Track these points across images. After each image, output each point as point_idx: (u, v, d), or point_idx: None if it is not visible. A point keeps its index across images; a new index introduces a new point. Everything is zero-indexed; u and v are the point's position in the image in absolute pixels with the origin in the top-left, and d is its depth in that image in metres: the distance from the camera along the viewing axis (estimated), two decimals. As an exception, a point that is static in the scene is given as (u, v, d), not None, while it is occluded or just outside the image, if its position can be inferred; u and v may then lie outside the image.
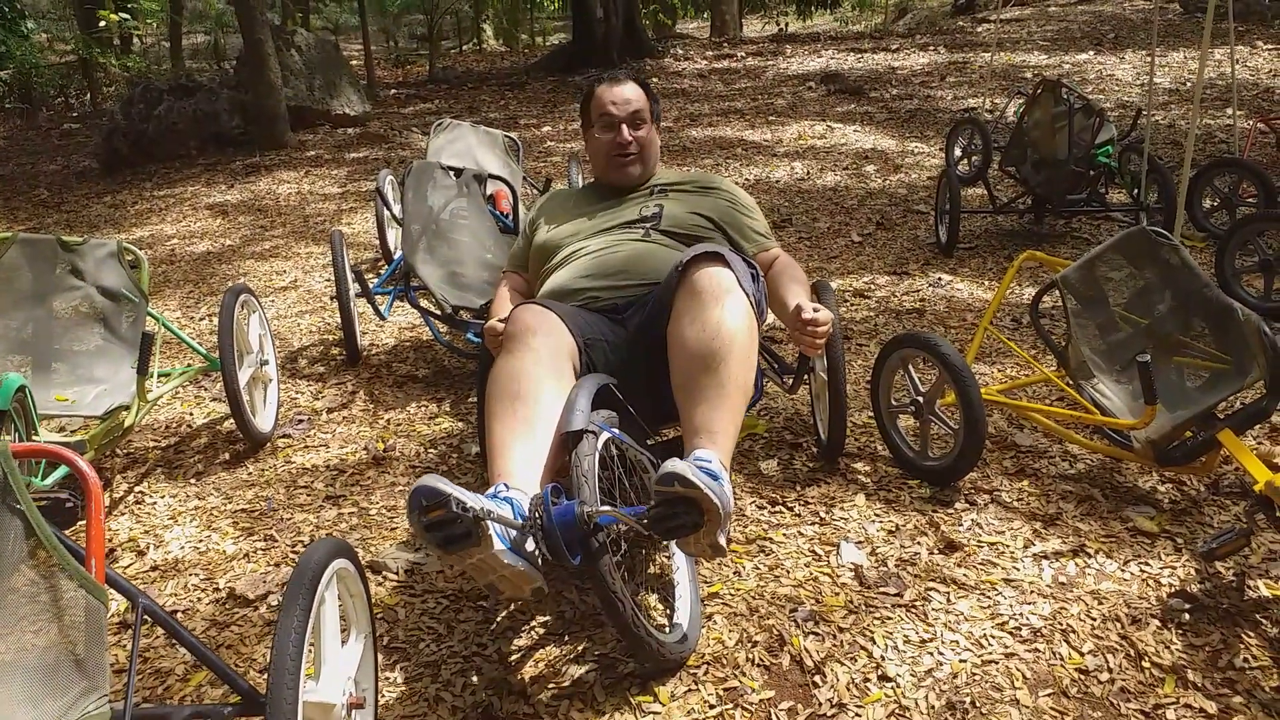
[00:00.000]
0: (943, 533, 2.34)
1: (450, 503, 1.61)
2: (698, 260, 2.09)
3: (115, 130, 8.62)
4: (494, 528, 1.67)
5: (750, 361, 2.02)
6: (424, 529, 1.64)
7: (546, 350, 2.06)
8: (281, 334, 4.17)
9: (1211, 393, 2.36)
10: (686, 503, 1.72)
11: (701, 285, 2.04)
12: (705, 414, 1.94)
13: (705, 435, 1.93)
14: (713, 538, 1.76)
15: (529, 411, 1.97)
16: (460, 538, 1.64)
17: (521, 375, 2.02)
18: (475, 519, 1.62)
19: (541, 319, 2.12)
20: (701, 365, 1.97)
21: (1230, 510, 2.38)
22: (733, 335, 1.99)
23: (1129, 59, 9.49)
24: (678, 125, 8.47)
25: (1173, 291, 2.56)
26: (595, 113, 2.64)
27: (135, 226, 6.49)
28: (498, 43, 19.15)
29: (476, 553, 1.66)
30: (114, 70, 12.89)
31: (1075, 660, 1.90)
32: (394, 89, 12.53)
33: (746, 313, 2.05)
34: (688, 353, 2.00)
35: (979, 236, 4.90)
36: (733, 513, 1.82)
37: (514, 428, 1.95)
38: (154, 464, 3.04)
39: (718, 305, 2.01)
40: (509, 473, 1.88)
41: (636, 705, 1.85)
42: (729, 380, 1.96)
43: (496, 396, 2.01)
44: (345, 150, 8.55)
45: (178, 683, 2.01)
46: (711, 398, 1.95)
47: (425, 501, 1.62)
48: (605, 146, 2.62)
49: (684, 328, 2.03)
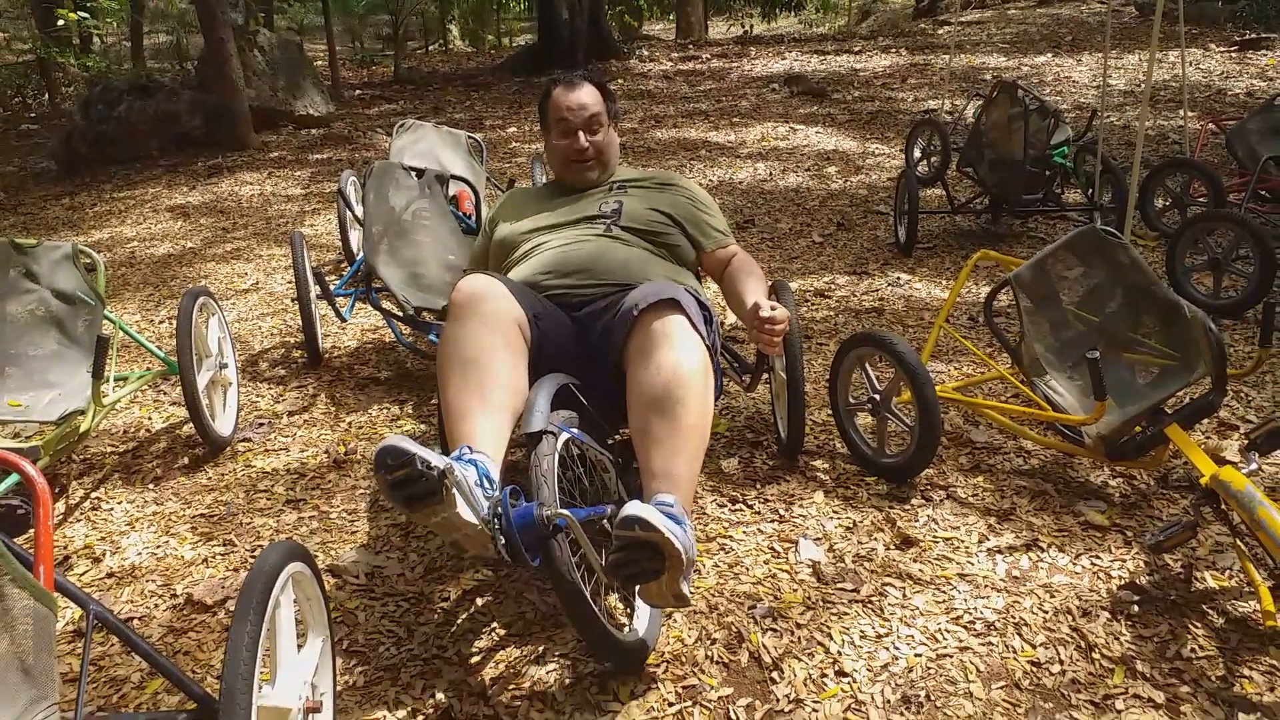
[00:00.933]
0: (899, 529, 2.38)
1: (415, 460, 1.64)
2: (652, 307, 2.06)
3: (74, 131, 8.49)
4: (458, 494, 1.68)
5: (706, 404, 2.01)
6: (390, 487, 1.67)
7: (495, 316, 2.08)
8: (242, 337, 4.13)
9: (1160, 388, 2.41)
10: (648, 548, 1.69)
11: (655, 331, 2.03)
12: (663, 459, 1.91)
13: (664, 479, 1.89)
14: (676, 586, 1.73)
15: (481, 375, 1.98)
16: (425, 495, 1.66)
17: (471, 341, 2.04)
18: (439, 476, 1.64)
19: (488, 285, 2.14)
20: (657, 410, 1.95)
21: (1179, 503, 2.43)
22: (688, 380, 1.97)
23: (1086, 61, 9.63)
24: (642, 126, 8.49)
25: (1123, 289, 2.61)
26: (553, 117, 2.64)
27: (94, 229, 6.41)
28: (463, 43, 19.07)
29: (441, 510, 1.68)
30: (73, 70, 12.69)
31: (1027, 653, 1.94)
32: (359, 90, 12.45)
33: (701, 356, 2.03)
34: (643, 398, 1.98)
35: (937, 236, 4.95)
36: (696, 560, 1.80)
37: (469, 391, 1.97)
38: (111, 469, 3.01)
39: (672, 349, 1.99)
40: (469, 435, 1.90)
41: (596, 704, 1.86)
42: (686, 424, 1.94)
43: (449, 364, 2.03)
44: (309, 151, 8.49)
45: (133, 690, 1.99)
46: (667, 442, 1.92)
47: (390, 460, 1.65)
48: (563, 151, 2.63)
49: (638, 372, 2.01)
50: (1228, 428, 2.79)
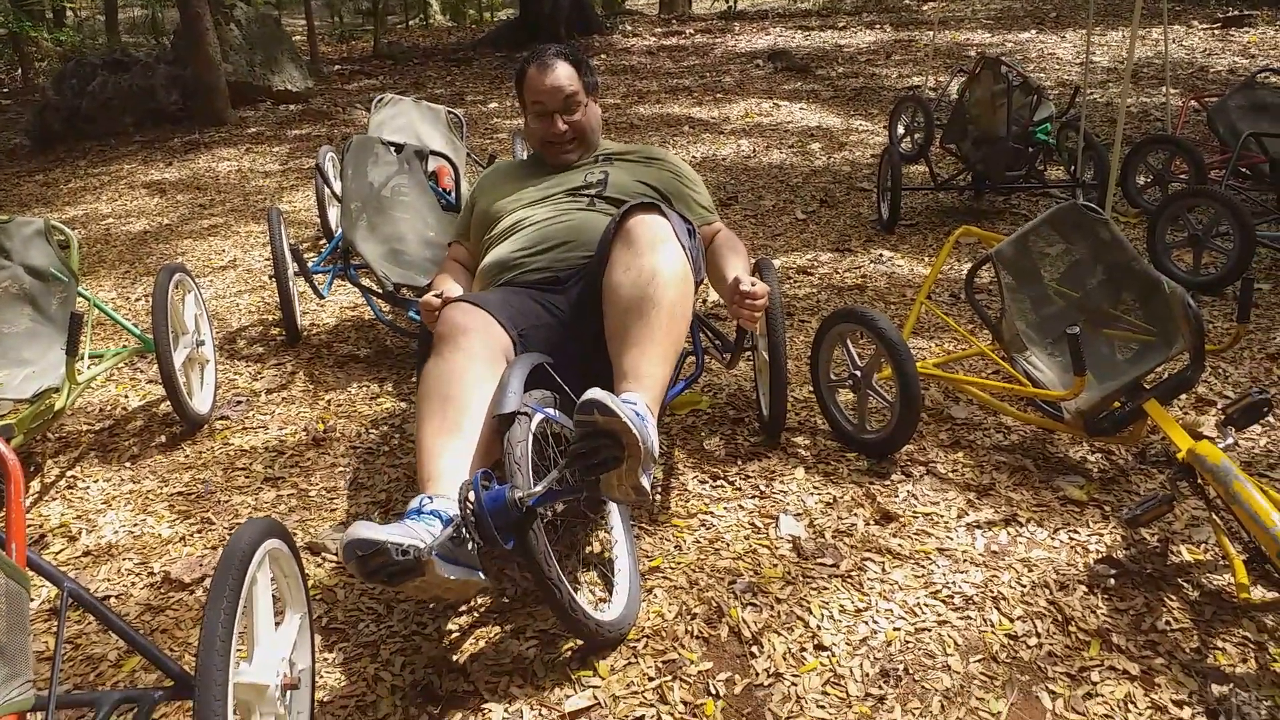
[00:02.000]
0: (879, 504, 2.38)
1: (389, 550, 1.62)
2: (634, 210, 2.10)
3: (48, 106, 8.38)
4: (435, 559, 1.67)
5: (684, 311, 2.02)
6: (367, 574, 1.65)
7: (478, 349, 2.05)
8: (220, 314, 4.10)
9: (1138, 364, 2.42)
10: (607, 435, 1.70)
11: (637, 234, 2.05)
12: (634, 359, 1.94)
13: (633, 379, 1.92)
14: (635, 478, 1.74)
15: (458, 415, 1.95)
16: (404, 572, 1.65)
17: (451, 377, 2.00)
18: (416, 557, 1.63)
19: (472, 317, 2.10)
20: (635, 311, 1.97)
21: (1156, 478, 2.45)
22: (666, 282, 1.99)
23: (1070, 38, 9.62)
24: (625, 102, 8.43)
25: (1103, 265, 2.61)
26: (529, 98, 2.59)
27: (69, 205, 6.32)
28: (444, 18, 18.86)
29: (421, 580, 1.67)
30: (46, 45, 12.49)
31: (1005, 626, 1.95)
32: (338, 65, 12.31)
33: (681, 262, 2.05)
34: (621, 299, 2.00)
35: (920, 213, 4.95)
36: (656, 452, 1.80)
37: (443, 429, 1.94)
38: (87, 448, 2.98)
39: (652, 253, 2.02)
40: (435, 478, 1.87)
41: (576, 679, 1.86)
42: (660, 327, 1.96)
43: (426, 398, 2.00)
44: (287, 127, 8.40)
45: (110, 668, 1.98)
46: (642, 343, 1.95)
47: (361, 552, 1.63)
48: (540, 134, 2.60)
49: (618, 275, 2.03)
50: (1205, 403, 2.81)
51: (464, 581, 1.74)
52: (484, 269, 2.45)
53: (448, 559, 1.73)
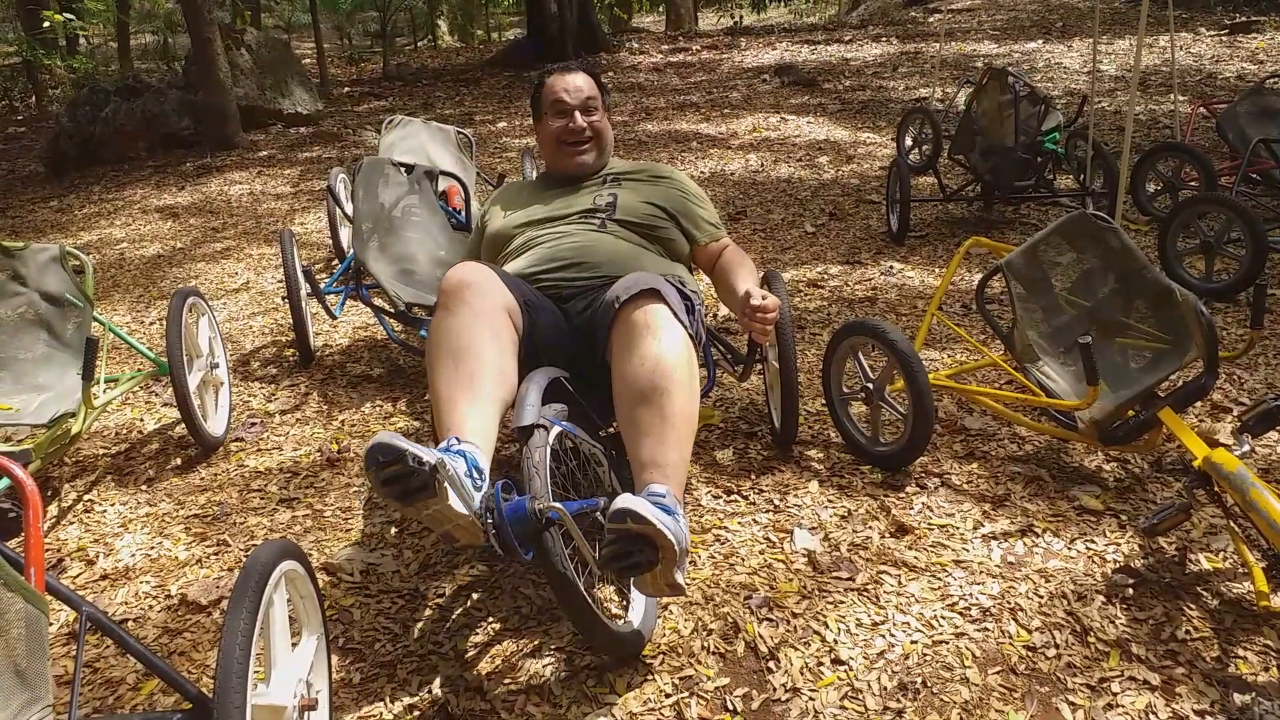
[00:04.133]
0: (894, 516, 2.37)
1: (406, 457, 1.63)
2: (634, 298, 2.04)
3: (61, 133, 8.46)
4: (449, 486, 1.68)
5: (692, 392, 1.99)
6: (381, 483, 1.66)
7: (484, 305, 2.07)
8: (233, 336, 4.12)
9: (1152, 372, 2.41)
10: (641, 539, 1.68)
11: (637, 322, 2.01)
12: (652, 448, 1.90)
13: (655, 469, 1.88)
14: (670, 576, 1.72)
15: (471, 365, 1.97)
16: (417, 490, 1.65)
17: (460, 331, 2.03)
18: (431, 470, 1.64)
19: (478, 274, 2.12)
20: (643, 400, 1.94)
21: (1172, 486, 2.44)
22: (671, 368, 1.96)
23: (1076, 47, 9.63)
24: (633, 119, 8.47)
25: (1114, 274, 2.61)
26: (547, 100, 2.63)
27: (83, 230, 6.38)
28: (453, 39, 19.02)
29: (433, 503, 1.67)
30: (59, 72, 12.64)
31: (1023, 638, 1.94)
32: (347, 87, 12.40)
33: (684, 344, 2.02)
34: (629, 388, 1.97)
35: (930, 225, 4.95)
36: (689, 549, 1.79)
37: (458, 382, 1.95)
38: (104, 471, 3.00)
39: (654, 340, 1.98)
40: (458, 426, 1.88)
41: (593, 696, 1.86)
42: (673, 413, 1.93)
43: (437, 354, 2.01)
44: (298, 149, 8.46)
45: (129, 691, 1.99)
46: (657, 432, 1.91)
47: (381, 457, 1.64)
48: (558, 134, 2.61)
49: (623, 364, 2.00)
50: (1220, 410, 2.80)
51: (474, 522, 1.73)
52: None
53: (463, 496, 1.72)
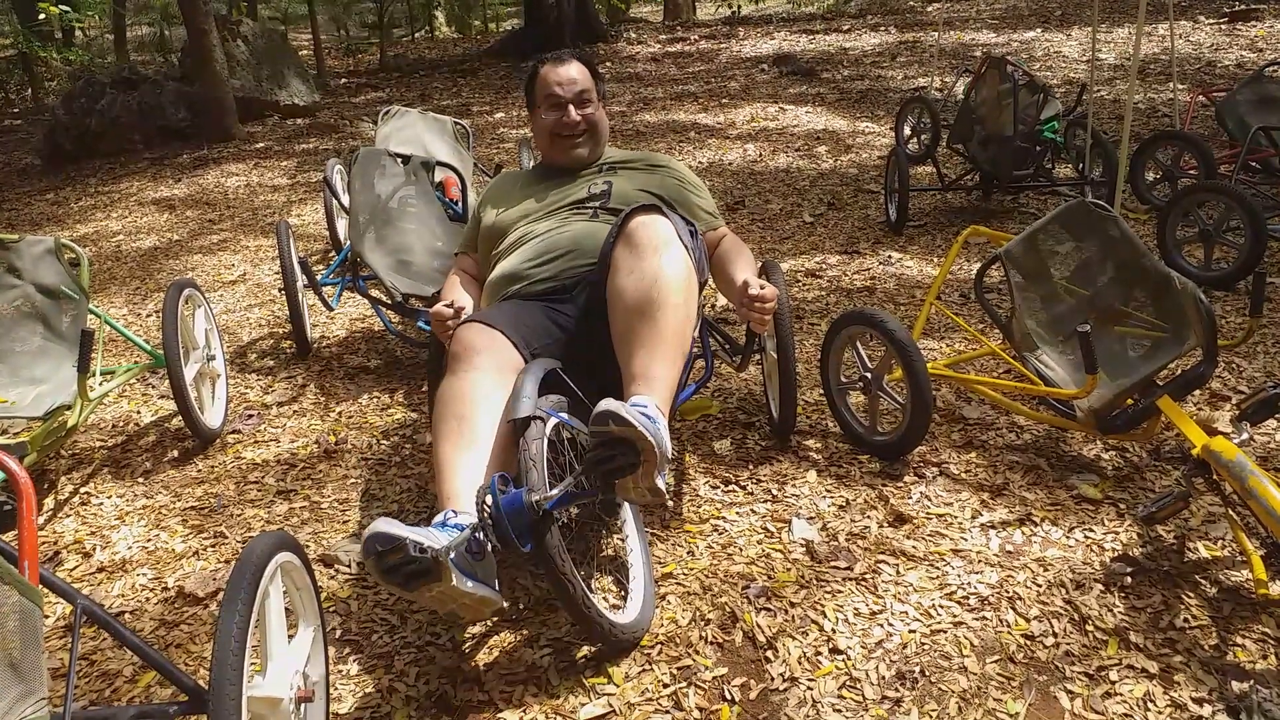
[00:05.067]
0: (892, 506, 2.37)
1: (407, 545, 1.62)
2: (635, 212, 2.11)
3: (57, 126, 8.43)
4: (451, 559, 1.67)
5: (688, 311, 2.03)
6: (383, 573, 1.65)
7: (491, 369, 2.06)
8: (230, 328, 4.11)
9: (1151, 361, 2.40)
10: (622, 443, 1.72)
11: (639, 236, 2.06)
12: (643, 361, 1.95)
13: (642, 381, 1.93)
14: (651, 480, 1.76)
15: (474, 432, 1.97)
16: (420, 575, 1.65)
17: (465, 396, 2.02)
18: (435, 557, 1.63)
19: (484, 337, 2.11)
20: (639, 313, 1.98)
21: (1171, 475, 2.43)
22: (670, 284, 2.00)
23: (1075, 35, 9.60)
24: (631, 110, 8.44)
25: (1113, 262, 2.60)
26: (541, 93, 2.61)
27: (79, 223, 6.36)
28: (450, 29, 18.95)
29: (437, 586, 1.67)
30: (56, 64, 12.60)
31: (1021, 626, 1.94)
32: (344, 78, 12.37)
33: (684, 263, 2.06)
34: (626, 302, 2.01)
35: (928, 214, 4.94)
36: (670, 455, 1.82)
37: (459, 447, 1.95)
38: (100, 464, 2.99)
39: (655, 255, 2.03)
40: (455, 495, 1.88)
41: (590, 687, 1.86)
42: (666, 327, 1.97)
43: (441, 417, 2.01)
44: (294, 141, 8.44)
45: (125, 684, 1.98)
46: (649, 345, 1.96)
47: (380, 547, 1.63)
48: (552, 127, 2.60)
49: (622, 278, 2.04)
50: (1219, 398, 2.79)
51: (480, 598, 1.75)
52: (491, 282, 2.45)
53: (465, 571, 1.73)
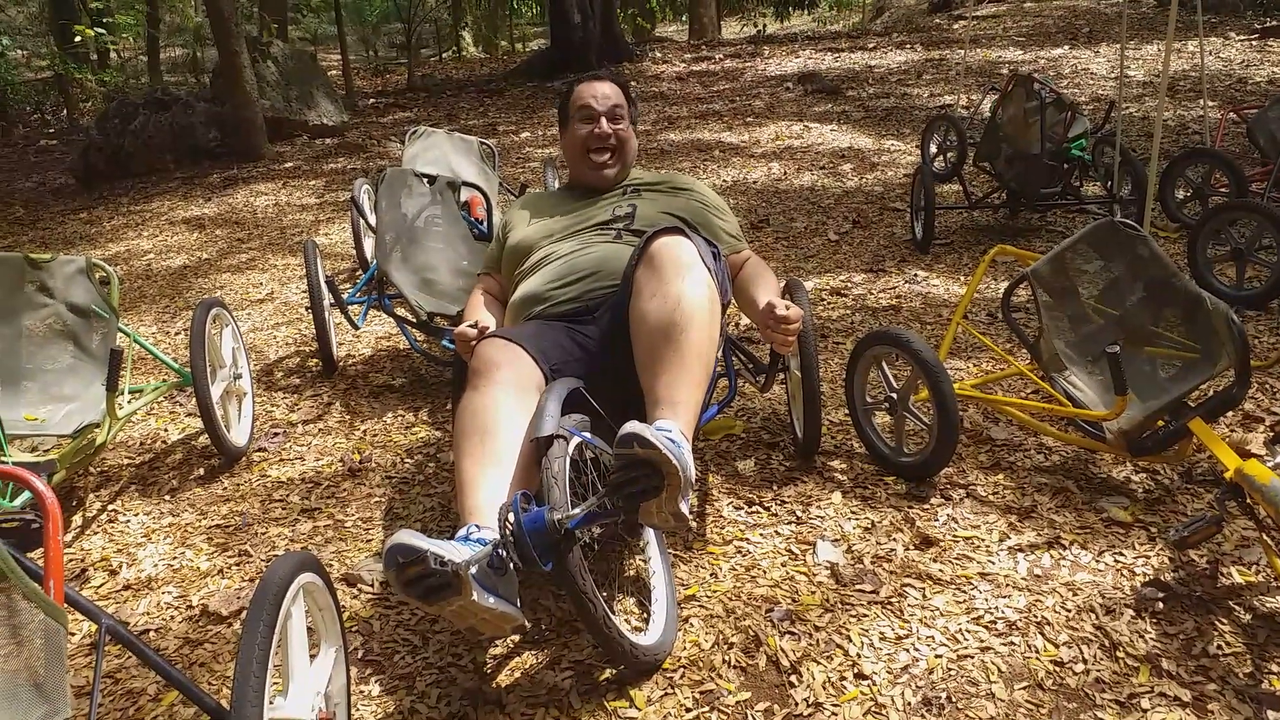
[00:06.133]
0: (918, 528, 2.34)
1: (428, 558, 1.62)
2: (658, 234, 2.10)
3: (91, 146, 8.56)
4: (472, 573, 1.67)
5: (711, 335, 2.02)
6: (403, 585, 1.65)
7: (512, 384, 2.06)
8: (257, 346, 4.14)
9: (1182, 382, 2.37)
10: (646, 465, 1.71)
11: (662, 258, 2.05)
12: (666, 385, 1.94)
13: (666, 406, 1.92)
14: (674, 505, 1.74)
15: (496, 445, 1.96)
16: (440, 589, 1.65)
17: (487, 410, 2.02)
18: (454, 570, 1.62)
19: (506, 353, 2.12)
20: (662, 337, 1.98)
21: (1204, 498, 2.39)
22: (693, 306, 1.99)
23: (1104, 53, 9.54)
24: (655, 128, 8.47)
25: (1143, 282, 2.57)
26: (574, 106, 2.66)
27: (111, 242, 6.44)
28: (477, 50, 19.13)
29: (457, 600, 1.67)
30: (91, 86, 12.82)
31: (1050, 652, 1.90)
32: (373, 98, 12.49)
33: (707, 285, 2.05)
34: (649, 325, 2.00)
35: (955, 232, 4.91)
36: (694, 480, 1.80)
37: (482, 461, 1.95)
38: (128, 481, 3.02)
39: (679, 278, 2.02)
40: (478, 510, 1.87)
41: (612, 710, 1.84)
42: (689, 351, 1.96)
43: (464, 433, 2.01)
44: (323, 160, 8.52)
45: (149, 703, 1.99)
46: (673, 368, 1.95)
47: (402, 559, 1.63)
48: (583, 139, 2.62)
49: (645, 301, 2.03)
50: (1253, 420, 2.74)
51: (501, 614, 1.73)
52: (515, 303, 2.46)
53: (486, 586, 1.72)
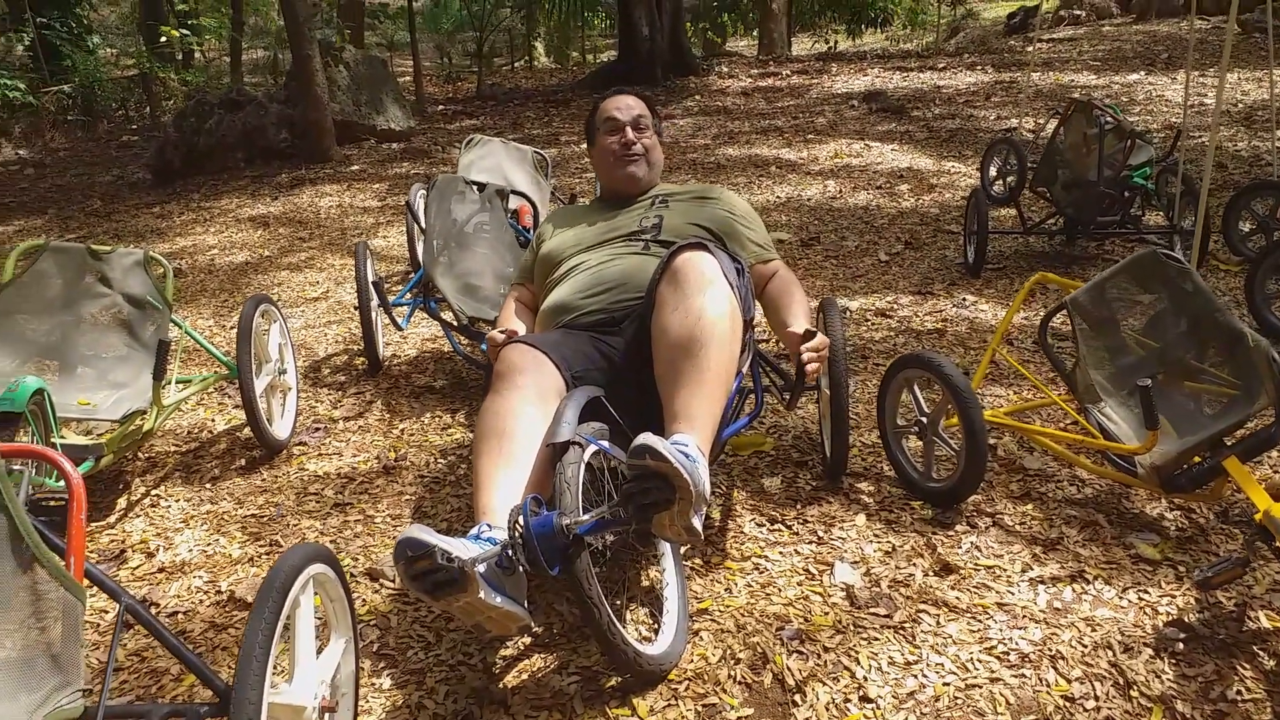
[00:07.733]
0: (939, 555, 2.32)
1: (435, 553, 1.65)
2: (681, 250, 2.13)
3: (167, 143, 8.86)
4: (480, 571, 1.69)
5: (732, 351, 2.03)
6: (411, 578, 1.69)
7: (533, 389, 2.09)
8: (308, 343, 4.25)
9: (1220, 419, 2.31)
10: (658, 477, 1.72)
11: (684, 274, 2.07)
12: (684, 399, 1.96)
13: (684, 420, 1.93)
14: (686, 519, 1.75)
15: (513, 448, 1.99)
16: (447, 584, 1.68)
17: (507, 413, 2.05)
18: (460, 566, 1.65)
19: (528, 358, 2.15)
20: (682, 351, 1.99)
21: (1238, 539, 2.33)
22: (714, 323, 2.01)
23: (1180, 80, 9.32)
24: (715, 143, 8.48)
25: (1186, 316, 2.51)
26: (600, 119, 2.75)
27: (179, 236, 6.65)
28: (549, 60, 19.34)
29: (463, 597, 1.69)
30: (174, 85, 13.24)
31: (1061, 687, 1.87)
32: (442, 105, 12.71)
33: (729, 301, 2.07)
34: (669, 339, 2.02)
35: (1009, 257, 4.84)
36: (708, 495, 1.80)
37: (498, 463, 1.98)
38: (172, 468, 3.12)
39: (700, 294, 2.04)
40: (491, 509, 1.91)
41: (614, 717, 1.86)
42: (709, 367, 1.97)
43: (482, 434, 2.04)
44: (388, 165, 8.70)
45: (171, 682, 2.06)
46: (692, 383, 1.97)
47: (411, 552, 1.67)
48: (610, 149, 2.69)
49: (666, 315, 2.05)
50: (1298, 462, 2.66)
51: (506, 613, 1.76)
52: (544, 312, 2.51)
53: (494, 585, 1.75)
